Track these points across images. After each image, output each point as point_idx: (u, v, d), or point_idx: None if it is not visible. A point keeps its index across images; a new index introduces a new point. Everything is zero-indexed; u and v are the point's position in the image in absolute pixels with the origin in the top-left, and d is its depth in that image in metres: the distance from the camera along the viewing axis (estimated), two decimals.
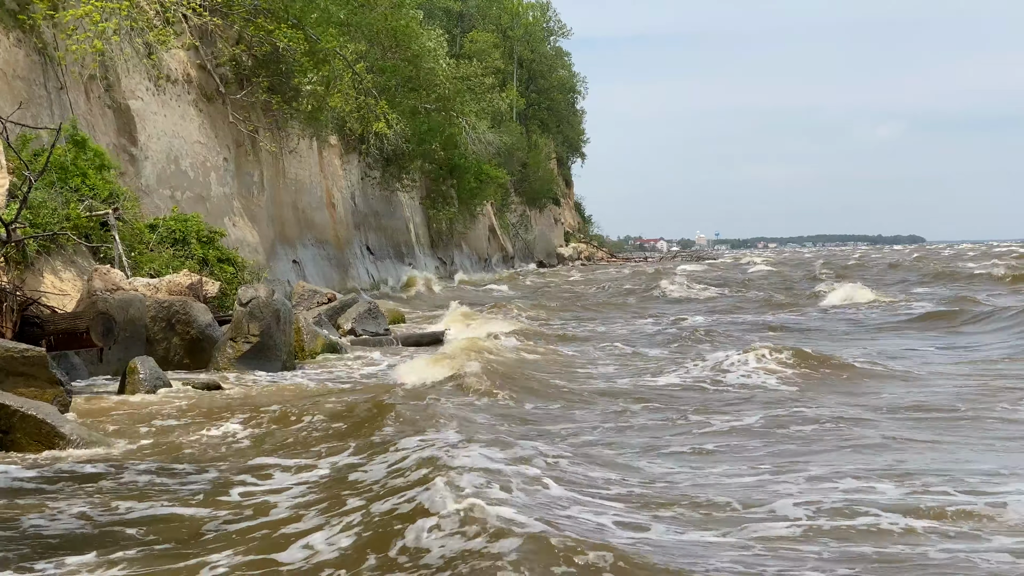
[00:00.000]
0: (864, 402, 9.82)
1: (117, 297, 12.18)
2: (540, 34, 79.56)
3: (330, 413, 8.96)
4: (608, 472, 6.82)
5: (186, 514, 5.89)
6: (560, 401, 10.18)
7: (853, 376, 11.63)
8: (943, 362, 13.33)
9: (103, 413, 9.47)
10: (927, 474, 6.52)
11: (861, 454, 7.30)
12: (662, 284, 33.73)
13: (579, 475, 6.63)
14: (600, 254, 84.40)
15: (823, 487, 6.25)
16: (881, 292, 27.14)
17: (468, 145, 45.65)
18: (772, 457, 7.35)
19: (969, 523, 5.41)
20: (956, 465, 6.83)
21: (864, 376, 11.63)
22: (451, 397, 9.79)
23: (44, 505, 6.06)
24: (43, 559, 5.01)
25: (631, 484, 6.47)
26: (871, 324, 19.54)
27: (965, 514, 5.52)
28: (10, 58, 15.91)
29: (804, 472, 6.71)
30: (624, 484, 6.47)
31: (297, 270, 26.75)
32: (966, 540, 5.12)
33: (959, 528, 5.33)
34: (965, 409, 9.17)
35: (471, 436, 7.26)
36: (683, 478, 6.68)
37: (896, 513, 5.52)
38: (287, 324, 13.23)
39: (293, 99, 24.21)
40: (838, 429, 8.24)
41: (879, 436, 7.89)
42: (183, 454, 7.70)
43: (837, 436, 7.99)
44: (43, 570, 4.86)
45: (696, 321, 20.64)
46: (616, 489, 6.30)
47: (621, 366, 13.34)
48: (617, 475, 6.74)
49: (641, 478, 6.69)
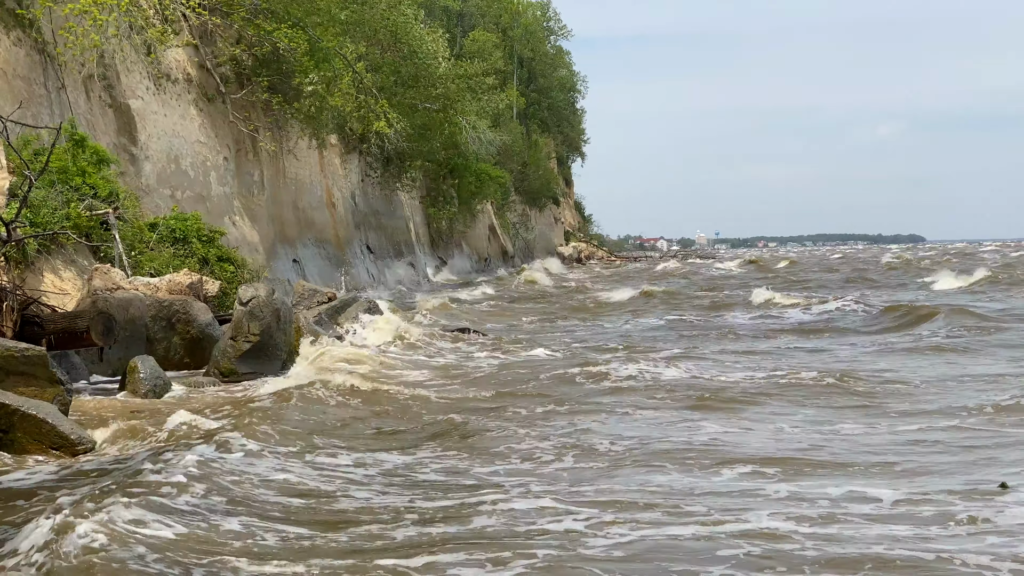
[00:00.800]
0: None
1: (117, 296, 12.18)
2: (540, 33, 79.49)
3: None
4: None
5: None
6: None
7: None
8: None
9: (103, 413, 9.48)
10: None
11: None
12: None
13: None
14: (600, 253, 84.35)
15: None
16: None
17: (468, 145, 45.59)
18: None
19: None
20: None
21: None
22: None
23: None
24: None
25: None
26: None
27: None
28: (10, 57, 15.91)
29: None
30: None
31: (297, 269, 26.75)
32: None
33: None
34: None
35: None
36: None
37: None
38: (287, 323, 13.23)
39: (294, 99, 24.20)
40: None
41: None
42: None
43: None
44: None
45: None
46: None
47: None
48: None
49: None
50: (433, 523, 5.87)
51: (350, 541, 5.53)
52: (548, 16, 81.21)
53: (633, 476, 7.06)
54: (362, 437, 8.85)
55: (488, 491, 6.57)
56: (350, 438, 8.73)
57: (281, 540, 5.55)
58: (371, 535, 5.64)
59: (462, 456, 7.88)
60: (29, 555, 5.01)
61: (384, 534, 5.66)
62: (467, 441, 8.46)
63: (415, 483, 7.00)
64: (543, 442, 8.32)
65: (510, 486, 6.72)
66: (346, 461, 7.66)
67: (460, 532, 5.68)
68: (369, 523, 5.89)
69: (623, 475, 7.10)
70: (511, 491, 6.55)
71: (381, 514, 6.10)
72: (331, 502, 6.43)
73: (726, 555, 5.16)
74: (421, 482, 7.03)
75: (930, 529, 5.61)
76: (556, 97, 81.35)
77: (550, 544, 5.37)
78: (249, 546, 5.41)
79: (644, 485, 6.73)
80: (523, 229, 70.09)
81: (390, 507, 6.28)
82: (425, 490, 6.74)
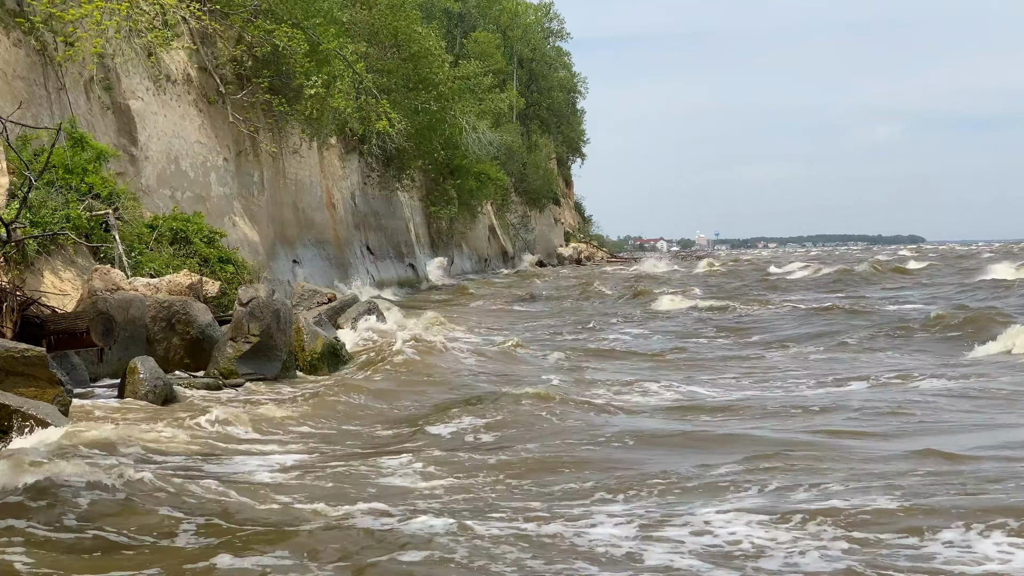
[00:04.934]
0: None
1: (117, 297, 12.17)
2: (540, 34, 79.51)
3: None
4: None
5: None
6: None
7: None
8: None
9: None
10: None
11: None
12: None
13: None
14: (600, 254, 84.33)
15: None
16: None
17: (469, 145, 45.62)
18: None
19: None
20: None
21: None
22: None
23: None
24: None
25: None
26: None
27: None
28: (10, 58, 15.91)
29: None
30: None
31: (297, 270, 26.75)
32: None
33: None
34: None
35: None
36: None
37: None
38: (287, 324, 13.21)
39: (294, 100, 24.19)
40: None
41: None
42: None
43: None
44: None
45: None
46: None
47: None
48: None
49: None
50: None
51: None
52: (551, 16, 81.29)
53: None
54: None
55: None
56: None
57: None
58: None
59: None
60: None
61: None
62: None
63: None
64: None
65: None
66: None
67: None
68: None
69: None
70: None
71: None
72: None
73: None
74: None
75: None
76: (556, 98, 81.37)
77: None
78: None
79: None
80: (523, 230, 70.12)
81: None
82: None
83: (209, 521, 5.77)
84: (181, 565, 5.07)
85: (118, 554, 5.25)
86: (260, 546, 5.32)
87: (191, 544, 5.42)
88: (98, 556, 5.17)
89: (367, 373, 13.02)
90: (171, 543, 5.42)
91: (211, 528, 5.67)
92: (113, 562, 5.11)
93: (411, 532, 5.53)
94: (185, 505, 6.03)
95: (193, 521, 5.75)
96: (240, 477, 7.11)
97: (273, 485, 6.87)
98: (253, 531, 5.61)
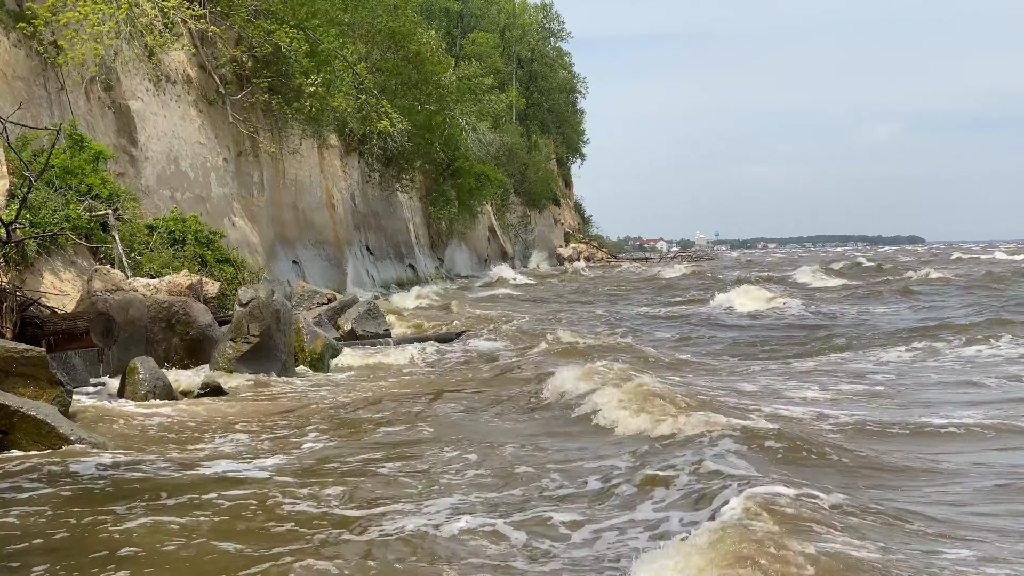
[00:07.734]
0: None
1: (117, 297, 12.17)
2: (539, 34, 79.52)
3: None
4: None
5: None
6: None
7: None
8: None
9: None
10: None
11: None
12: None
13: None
14: (600, 254, 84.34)
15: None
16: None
17: (468, 146, 45.63)
18: None
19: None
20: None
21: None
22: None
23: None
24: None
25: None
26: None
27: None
28: (10, 58, 15.91)
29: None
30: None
31: (297, 270, 26.75)
32: None
33: None
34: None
35: None
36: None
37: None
38: (287, 325, 13.22)
39: (294, 100, 24.21)
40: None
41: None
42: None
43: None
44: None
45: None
46: None
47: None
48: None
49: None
50: None
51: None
52: (550, 16, 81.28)
53: None
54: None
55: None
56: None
57: None
58: None
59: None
60: None
61: None
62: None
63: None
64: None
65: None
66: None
67: None
68: None
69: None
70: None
71: None
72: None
73: None
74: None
75: None
76: (556, 98, 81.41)
77: None
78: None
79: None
80: (523, 230, 70.12)
81: None
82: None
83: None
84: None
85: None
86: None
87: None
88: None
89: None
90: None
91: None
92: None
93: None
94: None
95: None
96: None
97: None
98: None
